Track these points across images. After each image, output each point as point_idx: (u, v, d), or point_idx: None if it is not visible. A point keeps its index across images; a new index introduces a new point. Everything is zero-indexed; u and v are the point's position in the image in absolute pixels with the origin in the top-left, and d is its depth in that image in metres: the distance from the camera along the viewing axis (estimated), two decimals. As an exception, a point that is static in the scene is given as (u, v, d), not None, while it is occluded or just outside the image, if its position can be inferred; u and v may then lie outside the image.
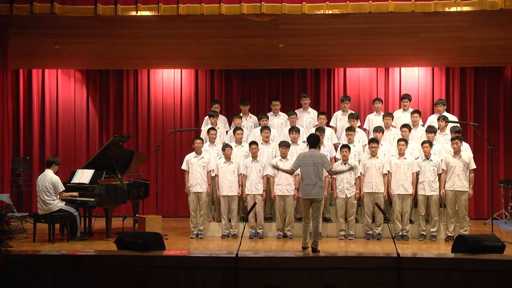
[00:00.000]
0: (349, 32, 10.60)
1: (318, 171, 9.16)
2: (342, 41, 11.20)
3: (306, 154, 9.35)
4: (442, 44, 11.43)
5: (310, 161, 9.14)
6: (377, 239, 10.62)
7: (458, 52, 12.03)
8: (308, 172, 9.13)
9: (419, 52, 12.16)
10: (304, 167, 9.17)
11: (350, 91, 13.74)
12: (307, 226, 9.27)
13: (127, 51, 12.17)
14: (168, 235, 10.88)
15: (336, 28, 10.37)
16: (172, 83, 14.18)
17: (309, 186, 9.12)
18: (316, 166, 9.13)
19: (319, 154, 9.41)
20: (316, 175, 9.14)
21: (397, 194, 10.63)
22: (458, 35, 10.72)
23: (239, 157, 11.13)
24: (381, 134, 11.14)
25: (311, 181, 9.12)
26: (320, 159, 9.20)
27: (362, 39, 11.09)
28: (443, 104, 11.77)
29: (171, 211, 14.01)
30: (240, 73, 14.12)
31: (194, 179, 10.86)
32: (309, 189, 9.12)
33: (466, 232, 10.30)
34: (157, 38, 10.99)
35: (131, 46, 11.65)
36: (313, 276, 6.26)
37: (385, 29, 10.44)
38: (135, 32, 10.67)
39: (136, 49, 11.91)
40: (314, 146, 9.38)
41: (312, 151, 9.33)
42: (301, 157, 9.32)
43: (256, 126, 11.98)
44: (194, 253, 8.23)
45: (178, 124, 14.10)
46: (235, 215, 10.94)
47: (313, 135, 9.65)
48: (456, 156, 10.48)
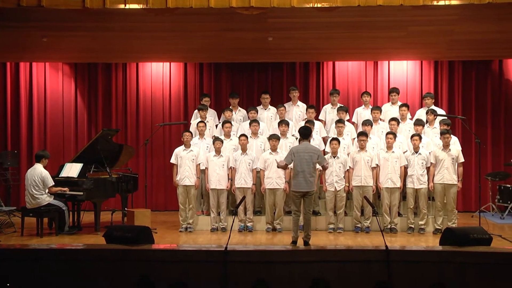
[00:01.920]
0: (338, 25, 10.56)
1: (311, 164, 9.16)
2: (331, 34, 11.18)
3: (300, 148, 9.32)
4: (430, 38, 11.43)
5: (305, 155, 9.12)
6: (366, 232, 10.65)
7: (446, 46, 12.05)
8: (302, 166, 9.11)
9: (408, 45, 12.17)
10: (298, 160, 9.14)
11: (339, 85, 13.75)
12: (297, 220, 9.27)
13: (116, 44, 12.08)
14: (157, 228, 10.87)
15: (325, 22, 10.33)
16: (161, 76, 14.13)
17: (302, 179, 9.11)
18: (310, 160, 9.13)
19: (314, 148, 9.40)
20: (309, 169, 9.14)
21: (385, 187, 10.67)
22: (447, 28, 10.72)
23: (228, 151, 11.11)
24: (369, 128, 11.16)
25: (304, 174, 9.11)
26: (316, 154, 9.20)
27: (351, 33, 11.07)
28: (431, 98, 11.81)
29: (160, 205, 13.98)
30: (230, 66, 14.08)
31: (183, 173, 10.84)
32: (303, 183, 9.11)
33: (454, 225, 10.35)
34: (146, 31, 10.91)
35: (119, 39, 11.56)
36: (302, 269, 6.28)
37: (374, 23, 10.41)
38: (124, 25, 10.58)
39: (125, 42, 11.82)
40: (306, 137, 9.37)
41: (306, 144, 9.31)
42: (294, 150, 9.28)
43: (245, 120, 11.97)
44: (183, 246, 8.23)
45: (167, 117, 14.05)
46: (224, 209, 10.93)
47: (305, 127, 9.63)
48: (445, 149, 10.52)
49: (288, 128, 11.17)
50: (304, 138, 9.38)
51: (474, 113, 13.74)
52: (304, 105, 12.16)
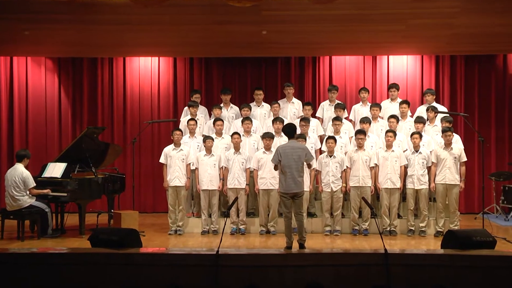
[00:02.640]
0: (335, 18, 10.57)
1: (300, 164, 9.15)
2: (327, 28, 11.19)
3: (286, 146, 9.29)
4: (431, 31, 11.45)
5: (293, 154, 9.10)
6: (364, 235, 10.67)
7: (447, 40, 12.08)
8: (289, 165, 9.08)
9: (408, 39, 12.19)
10: (285, 160, 9.11)
11: (336, 80, 13.76)
12: (289, 223, 9.23)
13: (102, 38, 12.05)
14: (145, 231, 10.84)
15: (322, 15, 10.34)
16: (149, 71, 14.10)
17: (289, 180, 9.09)
18: (299, 159, 9.12)
19: (301, 146, 9.39)
20: (297, 169, 9.12)
21: (384, 188, 10.68)
22: (448, 21, 10.74)
23: (219, 150, 11.11)
24: (368, 125, 11.17)
25: (292, 175, 9.09)
26: (303, 152, 9.19)
27: (349, 26, 11.08)
28: (432, 94, 11.83)
29: (148, 207, 13.97)
30: (221, 61, 14.08)
31: (172, 173, 10.83)
32: (291, 183, 9.10)
33: (456, 227, 10.38)
34: (134, 24, 10.88)
35: (106, 32, 11.53)
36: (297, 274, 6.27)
37: (372, 16, 10.43)
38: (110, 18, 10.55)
39: (111, 35, 11.80)
40: (291, 136, 9.35)
41: (292, 142, 9.29)
42: (281, 149, 9.23)
43: (238, 117, 11.96)
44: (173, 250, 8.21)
45: (156, 115, 14.03)
46: (215, 210, 10.93)
47: (289, 125, 9.60)
48: (447, 148, 10.54)
49: (282, 126, 11.15)
50: (290, 137, 9.37)
51: (477, 110, 13.79)
52: (299, 102, 12.16)
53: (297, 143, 9.47)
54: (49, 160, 12.11)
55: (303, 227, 9.32)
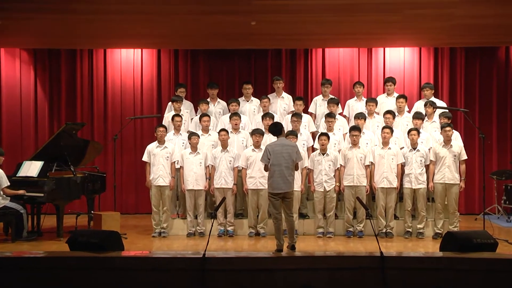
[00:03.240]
0: (328, 8, 10.57)
1: (290, 162, 9.16)
2: (320, 18, 11.18)
3: (275, 144, 9.30)
4: (429, 22, 11.48)
5: (283, 152, 9.11)
6: (359, 237, 10.70)
7: (447, 31, 12.12)
8: (279, 164, 9.10)
9: (405, 30, 12.22)
10: (274, 158, 9.13)
11: (329, 74, 13.78)
12: (280, 225, 9.24)
13: (81, 28, 11.99)
14: (127, 234, 10.83)
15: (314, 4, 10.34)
16: (132, 64, 14.07)
17: (279, 179, 9.10)
18: (289, 157, 9.13)
19: (291, 144, 9.40)
20: (287, 167, 9.13)
21: (380, 187, 10.71)
22: (447, 12, 10.76)
23: (206, 147, 11.11)
24: (363, 121, 11.19)
25: (281, 174, 9.10)
26: (294, 150, 9.20)
27: (343, 16, 11.09)
28: (431, 88, 11.87)
29: (130, 207, 13.95)
30: (208, 53, 14.06)
31: (156, 172, 10.81)
32: (280, 183, 9.11)
33: (455, 229, 10.42)
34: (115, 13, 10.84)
35: (85, 22, 11.48)
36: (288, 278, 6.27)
37: (367, 5, 10.44)
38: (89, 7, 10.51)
39: (91, 26, 11.74)
40: (279, 134, 9.36)
41: (282, 140, 9.31)
42: (270, 148, 9.25)
43: (225, 113, 11.96)
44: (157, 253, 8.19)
45: (139, 110, 14.01)
46: (202, 211, 10.93)
47: (274, 124, 9.66)
48: (446, 145, 10.58)
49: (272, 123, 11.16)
50: (277, 135, 9.38)
51: (478, 106, 13.85)
52: (290, 97, 12.17)
53: (287, 140, 9.47)
54: (25, 158, 12.06)
55: (294, 229, 9.34)
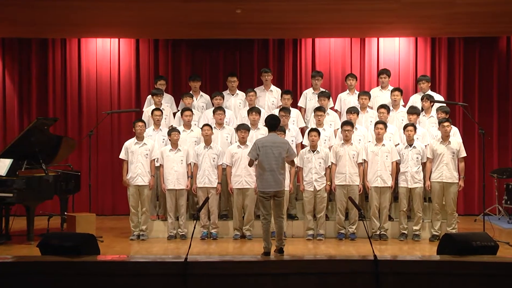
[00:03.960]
0: (318, -5, 10.62)
1: (280, 160, 9.16)
2: (310, 6, 11.19)
3: (265, 140, 9.31)
4: (426, 10, 11.51)
5: (273, 148, 9.11)
6: (351, 239, 10.73)
7: (445, 20, 12.15)
8: (268, 161, 9.09)
9: (401, 19, 12.24)
10: (264, 156, 9.12)
11: (319, 66, 13.79)
12: (268, 226, 9.24)
13: (53, 16, 11.93)
14: (104, 236, 10.81)
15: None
16: (108, 55, 14.01)
17: (269, 177, 9.09)
18: (279, 154, 9.13)
19: (282, 140, 9.41)
20: (278, 165, 9.13)
21: (374, 186, 10.74)
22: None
23: (188, 144, 11.09)
24: (355, 116, 11.21)
25: (272, 171, 9.10)
26: (285, 148, 9.20)
27: (334, 4, 11.10)
28: (427, 81, 11.91)
29: (107, 208, 13.91)
30: (190, 43, 14.04)
31: (134, 170, 10.78)
32: (271, 181, 9.10)
33: (453, 231, 10.48)
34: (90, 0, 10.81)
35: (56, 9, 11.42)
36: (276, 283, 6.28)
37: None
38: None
39: (64, 13, 11.68)
40: (274, 128, 9.37)
41: (273, 136, 9.31)
42: (259, 143, 9.24)
43: (209, 107, 11.95)
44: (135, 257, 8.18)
45: (116, 104, 13.96)
46: (183, 212, 10.91)
47: (273, 116, 9.64)
48: (444, 142, 10.61)
49: (259, 117, 11.17)
50: (271, 130, 9.39)
51: (478, 99, 13.91)
52: (278, 90, 12.17)
53: (278, 137, 9.48)
54: (-7, 155, 12.00)
55: (283, 231, 9.35)
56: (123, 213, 13.11)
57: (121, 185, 11.64)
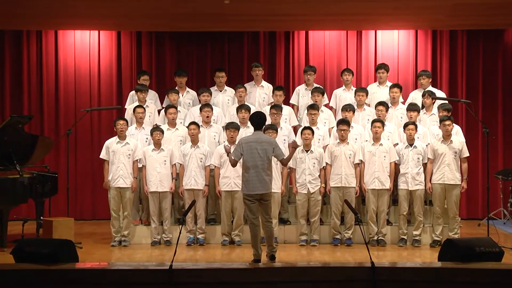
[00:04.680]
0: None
1: (266, 160, 9.15)
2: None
3: (250, 139, 9.31)
4: (427, 1, 11.54)
5: (258, 147, 9.10)
6: (347, 245, 10.74)
7: (446, 11, 12.18)
8: (254, 161, 9.09)
9: (400, 11, 12.26)
10: (249, 155, 9.12)
11: (313, 60, 13.79)
12: (257, 231, 9.23)
13: (28, 6, 11.90)
14: (83, 242, 10.77)
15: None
16: (87, 48, 13.95)
17: (254, 178, 9.08)
18: (265, 154, 9.12)
19: (268, 139, 9.40)
20: (263, 166, 9.12)
21: (371, 189, 10.74)
22: (449, -12, 10.87)
23: (173, 143, 11.08)
24: (351, 114, 11.22)
25: (257, 173, 9.09)
26: (270, 146, 9.19)
27: (329, -6, 11.15)
28: (428, 77, 11.93)
29: (86, 212, 13.86)
30: (175, 36, 14.01)
31: (116, 171, 10.76)
32: (255, 183, 9.09)
33: (456, 236, 10.48)
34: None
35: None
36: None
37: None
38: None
39: (40, 3, 11.66)
40: (260, 127, 9.37)
41: (258, 134, 9.30)
42: (244, 143, 9.24)
43: (195, 104, 11.95)
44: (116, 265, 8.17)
45: (96, 101, 13.91)
46: (168, 217, 10.90)
47: (258, 113, 9.63)
48: (446, 141, 10.62)
49: (249, 115, 11.12)
50: (257, 128, 9.40)
51: (482, 96, 13.93)
52: (270, 86, 12.18)
53: (264, 135, 9.47)
54: (-36, 156, 11.96)
55: (273, 236, 9.34)
56: (103, 217, 13.06)
57: (101, 188, 11.60)
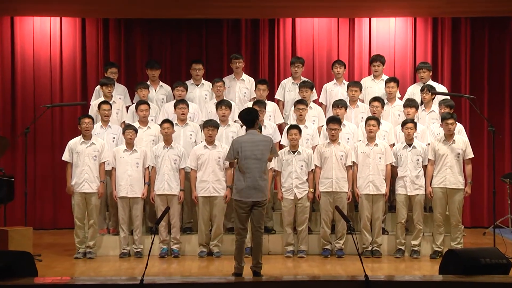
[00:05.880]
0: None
1: (263, 163, 9.15)
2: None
3: (244, 139, 9.28)
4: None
5: (254, 149, 9.08)
6: (338, 257, 10.76)
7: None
8: (248, 164, 9.08)
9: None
10: (243, 157, 9.10)
11: (301, 51, 13.80)
12: (242, 243, 9.23)
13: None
14: (42, 255, 10.74)
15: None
16: (48, 37, 13.90)
17: (248, 183, 9.07)
18: (261, 156, 9.11)
19: (264, 138, 9.40)
20: (260, 169, 9.12)
21: (365, 194, 10.77)
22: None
23: (144, 143, 11.08)
24: (343, 111, 11.24)
25: (252, 176, 9.08)
26: (268, 146, 9.17)
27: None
28: (428, 70, 11.97)
29: (46, 221, 13.81)
30: (147, 24, 14.00)
31: (80, 175, 10.73)
32: (249, 189, 9.08)
33: (459, 246, 10.53)
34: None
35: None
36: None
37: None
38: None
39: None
40: (252, 125, 9.35)
41: (252, 134, 9.29)
42: (236, 143, 9.24)
43: (169, 99, 11.95)
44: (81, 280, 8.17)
45: (58, 96, 13.86)
46: (139, 225, 10.88)
47: (248, 110, 9.65)
48: (448, 141, 10.66)
49: (229, 112, 11.17)
50: (249, 126, 9.38)
51: (487, 91, 13.99)
52: (252, 80, 12.20)
53: (259, 135, 9.45)
54: None
55: (261, 250, 9.27)
56: (66, 226, 13.04)
57: (64, 193, 11.57)
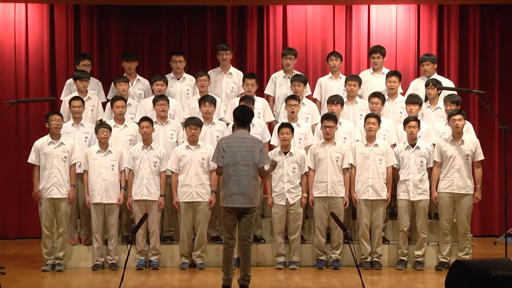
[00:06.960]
0: None
1: (252, 165, 9.13)
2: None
3: (233, 139, 9.29)
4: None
5: (241, 149, 9.10)
6: (334, 268, 10.79)
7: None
8: (235, 166, 9.09)
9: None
10: (230, 158, 9.10)
11: (293, 42, 13.82)
12: (231, 252, 9.26)
13: None
14: (6, 267, 10.73)
15: None
16: (12, 25, 13.85)
17: (235, 188, 9.08)
18: (250, 157, 9.11)
19: (253, 139, 9.41)
20: (248, 172, 9.12)
21: (364, 199, 10.79)
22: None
23: (120, 143, 11.09)
24: (339, 108, 11.27)
25: (241, 181, 9.09)
26: (257, 148, 9.16)
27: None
28: (433, 62, 12.01)
29: (10, 230, 13.78)
30: (123, 11, 13.98)
31: (48, 178, 10.71)
32: (236, 193, 9.07)
33: (467, 256, 10.57)
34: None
35: None
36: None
37: None
38: None
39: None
40: (245, 124, 9.35)
41: (241, 134, 9.29)
42: (223, 143, 9.24)
43: (148, 95, 11.97)
44: (49, 294, 8.16)
45: (23, 91, 13.83)
46: (114, 234, 10.88)
47: (243, 108, 9.65)
48: (456, 141, 10.69)
49: (214, 109, 11.18)
50: (241, 125, 9.38)
51: (498, 86, 14.03)
52: (240, 73, 12.21)
53: (250, 136, 9.45)
54: None
55: (249, 260, 9.27)
56: (32, 235, 13.02)
57: (30, 199, 11.54)
